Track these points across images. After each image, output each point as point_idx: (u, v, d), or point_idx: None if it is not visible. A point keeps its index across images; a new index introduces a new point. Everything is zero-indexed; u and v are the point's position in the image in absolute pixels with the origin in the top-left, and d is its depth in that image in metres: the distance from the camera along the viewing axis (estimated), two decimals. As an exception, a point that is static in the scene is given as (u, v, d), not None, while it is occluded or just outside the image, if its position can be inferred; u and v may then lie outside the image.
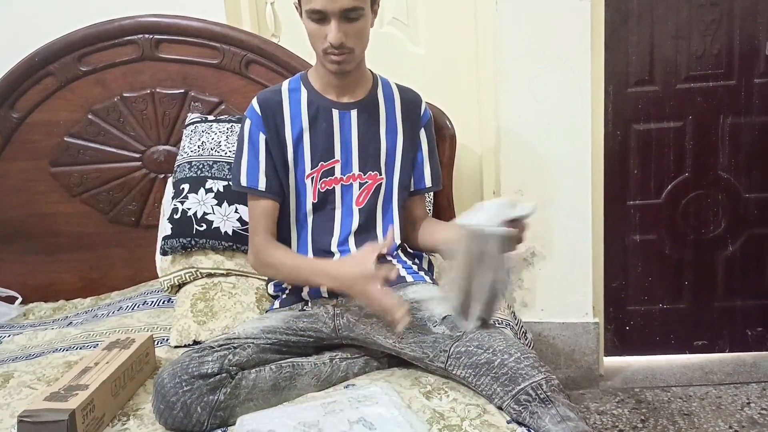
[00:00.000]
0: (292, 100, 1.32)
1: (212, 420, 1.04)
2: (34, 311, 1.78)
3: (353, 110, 1.32)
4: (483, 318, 1.12)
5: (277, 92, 1.34)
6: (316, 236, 1.33)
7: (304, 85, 1.33)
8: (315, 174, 1.31)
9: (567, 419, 0.96)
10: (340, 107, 1.31)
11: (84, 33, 1.77)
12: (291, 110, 1.31)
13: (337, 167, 1.32)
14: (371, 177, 1.33)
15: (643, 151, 2.06)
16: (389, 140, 1.34)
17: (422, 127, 1.40)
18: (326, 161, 1.31)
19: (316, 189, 1.31)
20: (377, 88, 1.36)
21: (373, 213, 1.35)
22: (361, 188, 1.33)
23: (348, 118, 1.32)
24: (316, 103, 1.31)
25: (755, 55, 1.97)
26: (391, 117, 1.35)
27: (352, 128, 1.32)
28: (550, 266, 1.96)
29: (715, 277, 2.13)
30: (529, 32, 1.83)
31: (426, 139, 1.41)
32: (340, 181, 1.32)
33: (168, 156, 1.81)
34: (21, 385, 1.25)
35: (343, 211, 1.33)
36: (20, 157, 1.83)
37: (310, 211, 1.33)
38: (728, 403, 1.93)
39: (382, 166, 1.34)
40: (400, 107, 1.37)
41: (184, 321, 1.42)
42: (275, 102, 1.32)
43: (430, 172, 1.42)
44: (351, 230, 1.32)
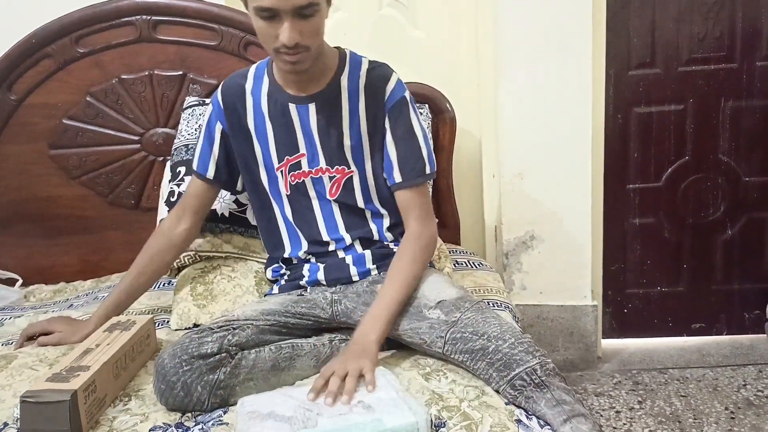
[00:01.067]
0: (254, 90, 1.28)
1: (212, 399, 1.05)
2: (35, 293, 1.78)
3: (311, 104, 1.24)
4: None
5: (243, 78, 1.30)
6: (302, 227, 1.32)
7: (268, 74, 1.28)
8: (283, 168, 1.29)
9: (562, 402, 0.97)
10: (298, 101, 1.24)
11: (81, 14, 1.75)
12: (253, 100, 1.28)
13: (303, 161, 1.27)
14: (339, 171, 1.27)
15: (643, 134, 2.05)
16: (353, 131, 1.25)
17: (386, 114, 1.23)
18: (291, 155, 1.27)
19: (287, 182, 1.29)
20: (342, 75, 1.24)
21: (354, 203, 1.29)
22: (332, 181, 1.28)
23: (306, 112, 1.25)
24: (275, 97, 1.26)
25: (757, 38, 1.96)
26: (354, 105, 1.24)
27: (311, 123, 1.25)
28: (549, 249, 1.96)
29: (713, 261, 2.14)
30: (529, 14, 1.81)
31: (390, 124, 1.23)
32: (309, 174, 1.28)
33: (167, 138, 1.80)
34: (23, 366, 1.26)
35: (320, 201, 1.30)
36: (18, 139, 1.82)
37: (287, 203, 1.31)
38: (725, 385, 1.95)
39: (349, 159, 1.26)
40: (363, 94, 1.24)
41: (184, 304, 1.43)
42: (238, 90, 1.29)
43: (398, 165, 1.24)
44: (335, 219, 1.30)
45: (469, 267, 1.70)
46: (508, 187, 1.93)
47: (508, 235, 1.97)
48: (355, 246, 1.31)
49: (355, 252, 1.30)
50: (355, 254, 1.30)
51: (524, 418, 0.98)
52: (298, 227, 1.32)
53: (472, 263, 1.73)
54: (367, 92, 1.24)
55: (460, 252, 1.82)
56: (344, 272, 1.29)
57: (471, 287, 1.54)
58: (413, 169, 1.24)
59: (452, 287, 1.21)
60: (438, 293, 1.17)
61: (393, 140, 1.24)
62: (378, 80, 1.24)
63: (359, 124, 1.25)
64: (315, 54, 1.15)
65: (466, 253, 1.82)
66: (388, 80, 1.24)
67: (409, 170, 1.24)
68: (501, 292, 1.54)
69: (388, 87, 1.24)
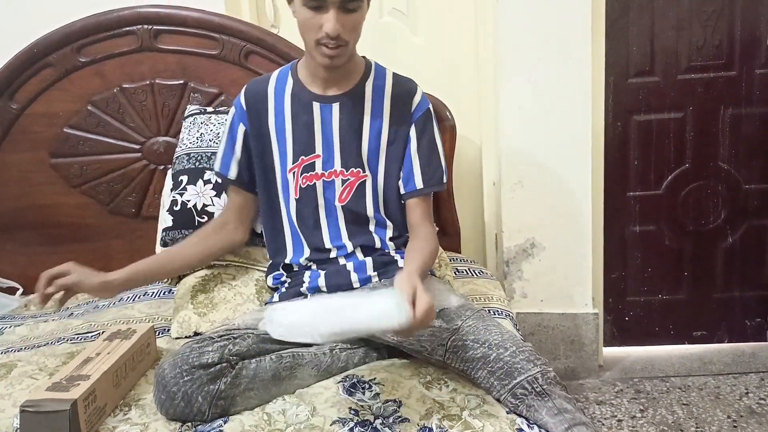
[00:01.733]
0: (277, 91, 1.31)
1: (213, 409, 1.04)
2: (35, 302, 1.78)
3: (335, 104, 1.27)
4: None
5: (265, 82, 1.33)
6: (306, 233, 1.32)
7: (292, 75, 1.31)
8: (296, 169, 1.30)
9: (564, 411, 0.97)
10: (322, 100, 1.27)
11: (83, 24, 1.76)
12: (275, 102, 1.30)
13: (318, 162, 1.29)
14: (353, 174, 1.29)
15: (643, 142, 2.06)
16: (373, 136, 1.28)
17: (413, 122, 1.29)
18: (307, 156, 1.29)
19: (298, 185, 1.30)
20: (367, 79, 1.29)
21: (362, 210, 1.31)
22: (344, 185, 1.29)
23: (329, 111, 1.27)
24: (299, 96, 1.29)
25: (756, 46, 1.97)
26: (378, 110, 1.28)
27: (333, 122, 1.27)
28: (550, 257, 1.96)
29: (714, 268, 2.14)
30: (529, 22, 1.82)
31: (416, 134, 1.29)
32: (321, 177, 1.29)
33: (168, 147, 1.81)
34: (23, 375, 1.26)
35: (326, 209, 1.30)
36: (20, 148, 1.83)
37: (293, 207, 1.32)
38: (727, 393, 1.94)
39: (364, 162, 1.28)
40: (390, 99, 1.29)
41: (185, 313, 1.43)
42: (261, 94, 1.31)
43: (420, 172, 1.29)
44: (339, 227, 1.31)
45: (469, 275, 1.70)
46: (508, 194, 1.94)
47: (509, 242, 1.97)
48: (356, 253, 1.31)
49: (356, 259, 1.30)
50: (356, 261, 1.30)
51: (525, 427, 0.98)
52: (302, 233, 1.32)
53: (473, 271, 1.72)
54: (394, 101, 1.29)
55: (461, 260, 1.81)
56: (345, 279, 1.29)
57: (471, 295, 1.54)
58: (433, 177, 1.30)
59: (453, 295, 1.21)
60: (439, 302, 1.17)
61: (417, 150, 1.29)
62: (405, 91, 1.30)
63: (380, 129, 1.28)
64: (352, 51, 1.21)
65: (466, 260, 1.82)
66: (415, 92, 1.31)
67: (429, 178, 1.29)
68: (501, 300, 1.54)
69: (415, 99, 1.30)
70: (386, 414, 1.01)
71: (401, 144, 1.29)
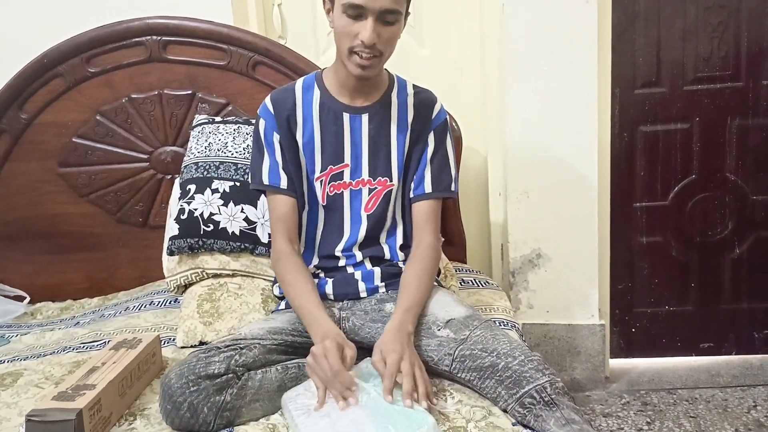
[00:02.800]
0: (305, 101, 1.31)
1: (219, 420, 1.04)
2: (42, 311, 1.79)
3: (364, 114, 1.29)
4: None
5: (290, 92, 1.32)
6: (323, 240, 1.33)
7: (318, 85, 1.32)
8: (324, 177, 1.31)
9: (572, 422, 0.96)
10: (352, 111, 1.29)
11: (92, 34, 1.78)
12: (303, 111, 1.30)
13: (346, 171, 1.30)
14: (381, 183, 1.31)
15: (649, 152, 2.05)
16: (400, 145, 1.31)
17: (432, 130, 1.33)
18: (335, 165, 1.30)
19: (325, 192, 1.31)
20: (392, 90, 1.32)
21: (383, 220, 1.32)
22: (371, 194, 1.31)
23: (359, 122, 1.29)
24: (327, 105, 1.30)
25: (763, 57, 1.96)
26: (403, 121, 1.31)
27: (362, 132, 1.30)
28: (556, 268, 1.96)
29: (721, 280, 2.12)
30: (535, 33, 1.82)
31: (434, 141, 1.32)
32: (349, 186, 1.30)
33: (175, 157, 1.82)
34: (29, 384, 1.26)
35: (351, 217, 1.32)
36: (29, 157, 1.84)
37: (320, 214, 1.33)
38: (734, 405, 1.92)
39: (393, 172, 1.31)
40: (413, 110, 1.32)
41: (191, 322, 1.43)
42: (289, 102, 1.31)
43: (430, 178, 1.31)
44: (358, 237, 1.31)
45: (475, 285, 1.69)
46: (514, 205, 1.93)
47: (515, 253, 1.97)
48: (365, 263, 1.31)
49: (365, 268, 1.31)
50: (365, 270, 1.30)
51: (532, 438, 0.98)
52: (319, 240, 1.33)
53: (478, 282, 1.72)
54: (417, 109, 1.32)
55: (466, 270, 1.81)
56: (352, 287, 1.29)
57: (477, 306, 1.53)
58: (441, 183, 1.32)
59: (461, 306, 1.21)
60: (447, 312, 1.17)
61: (431, 157, 1.32)
62: (426, 100, 1.34)
63: (405, 139, 1.31)
64: (384, 63, 1.23)
65: (472, 271, 1.82)
66: (435, 102, 1.35)
67: (439, 183, 1.32)
68: (507, 311, 1.53)
69: (436, 108, 1.34)
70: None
71: (419, 150, 1.32)
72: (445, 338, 1.11)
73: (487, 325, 1.13)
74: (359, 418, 0.96)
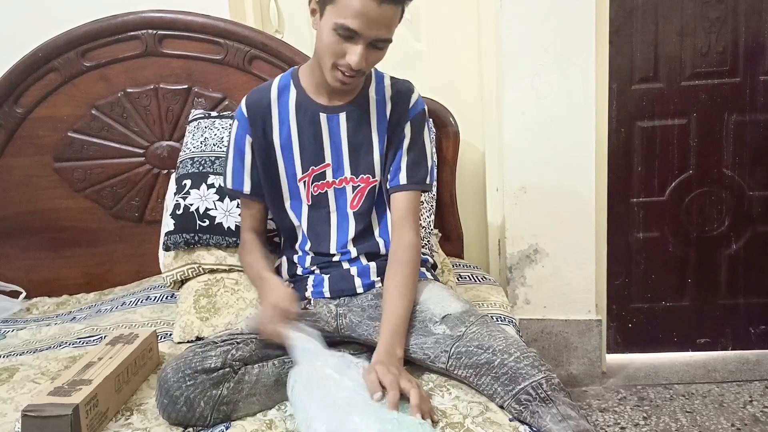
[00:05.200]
0: (281, 101, 1.29)
1: (215, 414, 1.04)
2: (38, 306, 1.78)
3: (342, 113, 1.27)
4: None
5: (266, 91, 1.31)
6: (314, 240, 1.32)
7: (294, 84, 1.29)
8: (306, 178, 1.29)
9: (568, 418, 0.96)
10: (329, 111, 1.27)
11: (87, 28, 1.77)
12: (279, 112, 1.29)
13: (328, 171, 1.29)
14: (364, 180, 1.29)
15: (647, 148, 2.05)
16: (381, 141, 1.28)
17: (409, 120, 1.29)
18: (317, 165, 1.29)
19: (309, 192, 1.30)
20: (369, 86, 1.29)
21: (371, 216, 1.31)
22: (355, 191, 1.30)
23: (336, 121, 1.27)
24: (304, 106, 1.28)
25: (760, 53, 1.96)
26: (382, 116, 1.28)
27: (341, 132, 1.28)
28: (553, 263, 1.96)
29: (718, 275, 2.13)
30: (532, 28, 1.82)
31: (410, 132, 1.29)
32: (333, 185, 1.29)
33: (171, 151, 1.81)
34: (25, 379, 1.26)
35: (338, 215, 1.31)
36: (24, 152, 1.83)
37: (305, 215, 1.32)
38: (731, 401, 1.93)
39: (375, 168, 1.29)
40: (390, 103, 1.29)
41: (187, 317, 1.42)
42: (264, 104, 1.29)
43: (405, 168, 1.27)
44: (348, 234, 1.30)
45: (472, 281, 1.70)
46: (511, 200, 1.93)
47: (512, 248, 1.97)
48: (360, 258, 1.31)
49: (360, 264, 1.30)
50: (360, 266, 1.30)
51: (529, 434, 0.98)
52: (310, 238, 1.32)
53: (476, 277, 1.72)
54: (394, 101, 1.30)
55: (464, 266, 1.81)
56: (349, 284, 1.29)
57: (474, 301, 1.53)
58: (417, 175, 1.29)
59: (457, 301, 1.21)
60: (443, 308, 1.17)
61: (407, 147, 1.29)
62: (404, 91, 1.31)
63: (385, 133, 1.29)
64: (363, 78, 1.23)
65: (469, 266, 1.82)
66: (412, 92, 1.32)
67: (414, 175, 1.28)
68: (505, 307, 1.53)
69: (413, 98, 1.31)
70: (389, 420, 1.01)
71: (397, 140, 1.30)
72: (441, 335, 1.11)
73: (483, 321, 1.13)
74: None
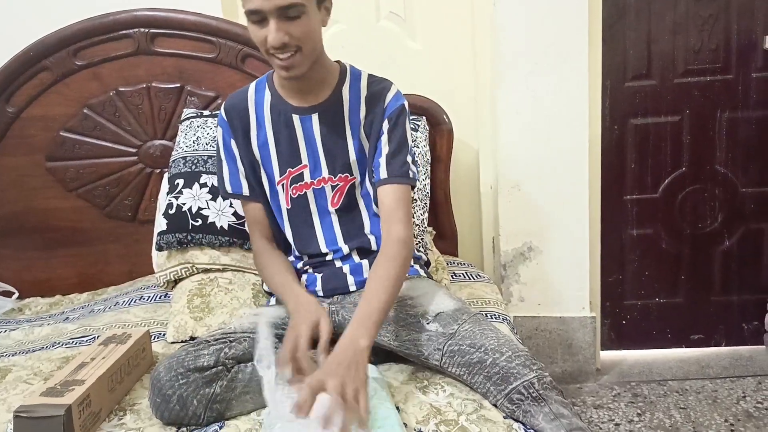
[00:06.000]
0: (257, 105, 1.29)
1: (208, 413, 1.04)
2: (30, 306, 1.77)
3: (314, 114, 1.25)
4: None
5: (243, 96, 1.30)
6: (299, 242, 1.32)
7: (269, 87, 1.29)
8: (285, 180, 1.29)
9: (560, 416, 0.96)
10: (301, 112, 1.25)
11: (79, 27, 1.76)
12: (256, 115, 1.28)
13: (305, 172, 1.28)
14: (342, 179, 1.28)
15: (640, 145, 2.06)
16: (356, 140, 1.27)
17: (386, 117, 1.26)
18: (294, 167, 1.28)
19: (288, 196, 1.29)
20: (343, 85, 1.26)
21: (356, 212, 1.31)
22: (334, 190, 1.29)
23: (309, 122, 1.26)
24: (278, 108, 1.27)
25: (753, 50, 1.97)
26: (355, 115, 1.26)
27: (314, 133, 1.26)
28: (547, 260, 1.96)
29: (711, 272, 2.14)
30: (526, 26, 1.82)
31: (387, 128, 1.25)
32: (311, 186, 1.28)
33: (164, 150, 1.80)
34: (17, 380, 1.25)
35: (320, 215, 1.30)
36: (16, 152, 1.82)
37: (287, 219, 1.31)
38: (724, 396, 1.94)
39: (352, 167, 1.28)
40: (364, 102, 1.26)
41: (181, 317, 1.42)
42: (241, 107, 1.29)
43: (385, 162, 1.24)
44: (334, 230, 1.30)
45: (466, 278, 1.70)
46: (505, 198, 1.94)
47: (506, 246, 1.97)
48: (352, 256, 1.31)
49: (353, 261, 1.30)
50: (353, 263, 1.30)
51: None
52: (296, 241, 1.32)
53: (470, 275, 1.72)
54: (368, 101, 1.26)
55: (458, 263, 1.81)
56: (341, 281, 1.28)
57: (468, 299, 1.53)
58: (399, 168, 1.24)
59: (450, 299, 1.21)
60: (436, 305, 1.17)
61: (387, 142, 1.25)
62: (379, 89, 1.27)
63: (360, 131, 1.27)
64: (309, 59, 1.15)
65: (463, 264, 1.82)
66: (389, 89, 1.28)
67: (395, 169, 1.24)
68: (499, 304, 1.54)
69: (389, 95, 1.27)
70: (383, 419, 1.01)
71: (375, 137, 1.27)
72: (434, 332, 1.11)
73: (476, 319, 1.13)
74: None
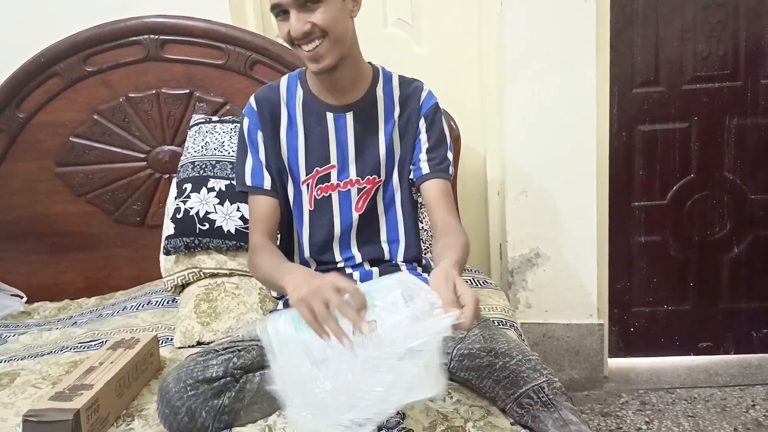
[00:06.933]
0: (289, 99, 1.27)
1: (217, 424, 1.03)
2: (39, 311, 1.78)
3: (348, 113, 1.23)
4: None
5: (275, 90, 1.28)
6: (316, 245, 1.29)
7: (301, 84, 1.27)
8: (310, 180, 1.26)
9: (569, 423, 0.96)
10: (335, 110, 1.24)
11: (89, 33, 1.77)
12: (288, 111, 1.26)
13: (333, 173, 1.26)
14: (369, 181, 1.25)
15: (648, 152, 2.05)
16: (387, 140, 1.25)
17: (422, 115, 1.26)
18: (321, 167, 1.25)
19: (312, 196, 1.27)
20: (377, 85, 1.25)
21: (375, 216, 1.28)
22: (360, 193, 1.26)
23: (343, 121, 1.24)
24: (310, 105, 1.25)
25: (761, 56, 1.96)
26: (390, 115, 1.25)
27: (347, 132, 1.24)
28: (555, 267, 1.96)
29: (720, 279, 2.12)
30: (533, 33, 1.82)
31: (425, 126, 1.25)
32: (337, 188, 1.26)
33: (173, 156, 1.81)
34: (26, 384, 1.26)
35: (342, 219, 1.27)
36: (26, 157, 1.84)
37: (307, 222, 1.28)
38: (733, 405, 1.92)
39: (381, 169, 1.25)
40: (399, 103, 1.26)
41: (188, 322, 1.42)
42: (274, 101, 1.27)
43: (426, 159, 1.24)
44: (352, 237, 1.28)
45: (473, 285, 1.69)
46: (512, 204, 1.93)
47: (513, 252, 1.97)
48: (363, 264, 1.30)
49: (363, 269, 1.29)
50: (363, 271, 1.29)
51: (530, 439, 0.97)
52: (311, 243, 1.30)
53: (477, 281, 1.72)
54: (402, 101, 1.26)
55: (465, 269, 1.80)
56: None
57: (476, 306, 1.53)
58: (440, 164, 1.24)
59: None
60: (446, 309, 1.16)
61: (426, 139, 1.25)
62: (413, 89, 1.27)
63: (392, 132, 1.26)
64: (338, 47, 1.12)
65: (470, 270, 1.82)
66: (422, 89, 1.28)
67: (437, 164, 1.24)
68: (506, 311, 1.53)
69: (423, 94, 1.27)
70: (390, 425, 1.01)
71: (411, 137, 1.26)
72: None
73: (485, 324, 1.13)
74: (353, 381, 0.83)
